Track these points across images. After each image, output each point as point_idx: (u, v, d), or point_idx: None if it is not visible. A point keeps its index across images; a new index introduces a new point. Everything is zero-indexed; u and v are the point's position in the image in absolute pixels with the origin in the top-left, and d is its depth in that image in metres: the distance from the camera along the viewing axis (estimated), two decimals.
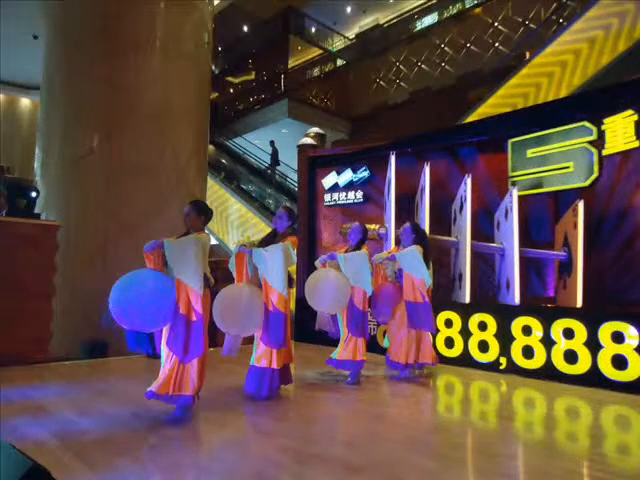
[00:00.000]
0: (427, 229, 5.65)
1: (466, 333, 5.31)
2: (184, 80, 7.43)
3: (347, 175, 7.13)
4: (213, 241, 11.62)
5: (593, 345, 4.48)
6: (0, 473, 1.53)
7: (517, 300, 5.32)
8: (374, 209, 6.80)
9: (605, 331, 4.41)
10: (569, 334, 4.62)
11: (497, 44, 12.31)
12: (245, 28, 17.14)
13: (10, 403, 3.32)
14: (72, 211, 6.58)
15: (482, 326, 5.20)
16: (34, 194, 5.57)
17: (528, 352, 4.87)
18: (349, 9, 16.12)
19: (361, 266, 4.44)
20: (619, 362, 4.31)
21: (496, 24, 12.35)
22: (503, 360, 5.03)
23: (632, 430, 3.45)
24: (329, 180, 7.34)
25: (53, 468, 1.58)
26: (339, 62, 16.60)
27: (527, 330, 4.89)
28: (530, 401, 4.20)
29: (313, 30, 16.40)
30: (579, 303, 5.14)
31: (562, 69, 8.10)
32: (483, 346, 5.18)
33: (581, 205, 5.26)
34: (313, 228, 7.45)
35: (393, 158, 6.23)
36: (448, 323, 5.46)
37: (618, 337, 4.34)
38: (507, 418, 3.51)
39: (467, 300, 5.55)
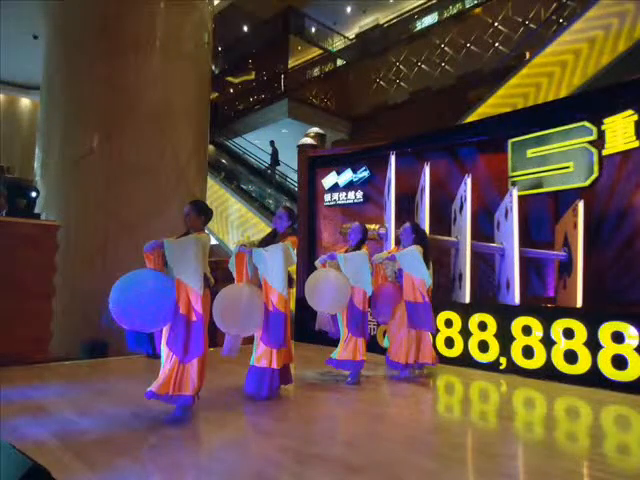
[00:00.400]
0: (427, 229, 5.64)
1: (466, 333, 5.31)
2: (184, 80, 7.43)
3: (347, 175, 7.13)
4: (213, 241, 11.62)
5: (593, 345, 4.48)
6: (0, 473, 1.53)
7: (517, 300, 5.32)
8: (374, 209, 6.80)
9: (605, 331, 4.41)
10: (569, 334, 4.62)
11: (497, 44, 12.31)
12: (245, 28, 17.15)
13: (10, 403, 3.31)
14: (72, 211, 6.59)
15: (482, 326, 5.20)
16: (34, 194, 5.57)
17: (528, 352, 4.87)
18: (349, 9, 16.12)
19: (361, 266, 4.44)
20: (619, 362, 4.31)
21: (496, 24, 12.35)
22: (503, 360, 5.03)
23: (632, 430, 3.45)
24: (329, 180, 7.34)
25: (53, 468, 1.58)
26: (339, 62, 16.60)
27: (527, 330, 4.89)
28: (530, 401, 4.20)
29: (313, 30, 16.40)
30: (579, 303, 5.14)
31: (562, 69, 8.10)
32: (483, 346, 5.18)
33: (581, 205, 5.26)
34: (313, 228, 7.45)
35: (393, 158, 6.23)
36: (448, 323, 5.46)
37: (618, 337, 4.34)
38: (507, 418, 3.51)
39: (467, 300, 5.55)
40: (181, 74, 7.38)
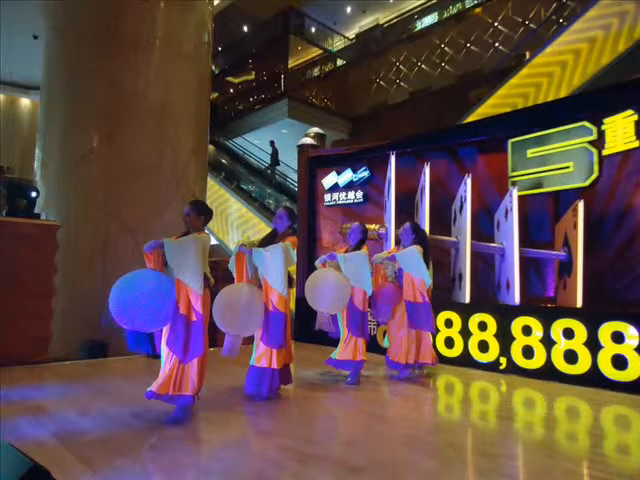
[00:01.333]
0: (427, 229, 5.65)
1: (466, 333, 5.32)
2: (184, 80, 7.42)
3: (347, 175, 7.13)
4: (213, 241, 11.62)
5: (593, 345, 4.48)
6: (0, 473, 1.53)
7: (517, 300, 5.32)
8: (374, 209, 6.80)
9: (605, 331, 4.41)
10: (569, 334, 4.62)
11: (497, 44, 12.31)
12: (245, 28, 17.14)
13: (10, 403, 3.32)
14: (72, 211, 6.58)
15: (482, 326, 5.20)
16: (34, 194, 5.57)
17: (528, 352, 4.87)
18: (349, 9, 16.11)
19: (361, 266, 4.44)
20: (619, 362, 4.31)
21: (496, 24, 12.35)
22: (503, 360, 5.03)
23: (632, 430, 3.45)
24: (329, 180, 7.34)
25: (53, 468, 1.58)
26: (339, 62, 16.60)
27: (527, 330, 4.89)
28: (530, 401, 4.20)
29: (313, 30, 16.40)
30: (579, 303, 5.14)
31: (562, 69, 8.10)
32: (483, 346, 5.18)
33: (581, 205, 5.26)
34: (313, 228, 7.45)
35: (393, 158, 6.23)
36: (448, 323, 5.46)
37: (618, 337, 4.34)
38: (507, 418, 3.51)
39: (467, 300, 5.55)
40: (181, 74, 7.37)
